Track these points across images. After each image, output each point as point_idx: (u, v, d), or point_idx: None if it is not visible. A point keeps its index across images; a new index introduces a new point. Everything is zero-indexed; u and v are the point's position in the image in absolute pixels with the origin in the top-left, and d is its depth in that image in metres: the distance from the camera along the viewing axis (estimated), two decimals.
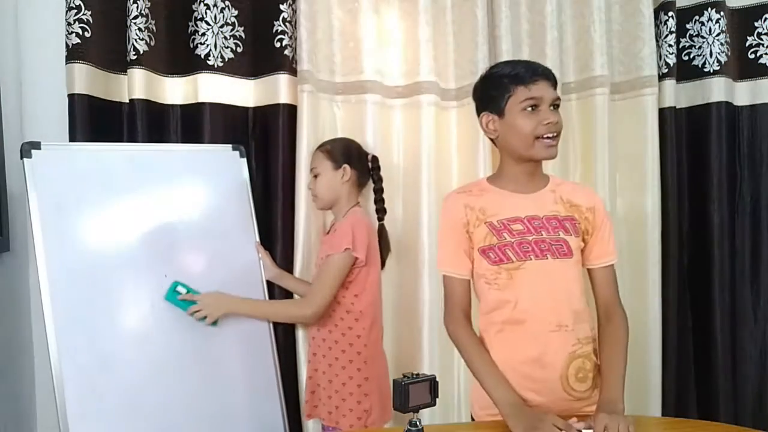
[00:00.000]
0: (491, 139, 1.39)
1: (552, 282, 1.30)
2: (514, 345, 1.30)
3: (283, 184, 1.97)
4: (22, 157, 1.53)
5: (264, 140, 2.01)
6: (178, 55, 1.95)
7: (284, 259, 1.96)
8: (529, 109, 1.28)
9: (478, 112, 1.38)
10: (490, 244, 1.31)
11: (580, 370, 1.29)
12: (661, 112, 2.22)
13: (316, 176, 1.78)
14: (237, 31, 1.97)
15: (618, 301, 1.37)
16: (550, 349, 1.28)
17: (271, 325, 1.80)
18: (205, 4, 1.91)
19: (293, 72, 1.97)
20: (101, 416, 1.48)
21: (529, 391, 1.28)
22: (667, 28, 2.23)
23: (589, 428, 1.15)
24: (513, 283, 1.30)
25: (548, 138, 1.29)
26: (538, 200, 1.33)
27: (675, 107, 2.27)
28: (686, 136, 2.34)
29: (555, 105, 1.31)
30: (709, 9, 2.28)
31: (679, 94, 2.30)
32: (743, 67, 2.35)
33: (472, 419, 1.41)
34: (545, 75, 1.30)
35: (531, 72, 1.29)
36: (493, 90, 1.33)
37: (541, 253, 1.29)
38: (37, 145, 1.55)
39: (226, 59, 1.96)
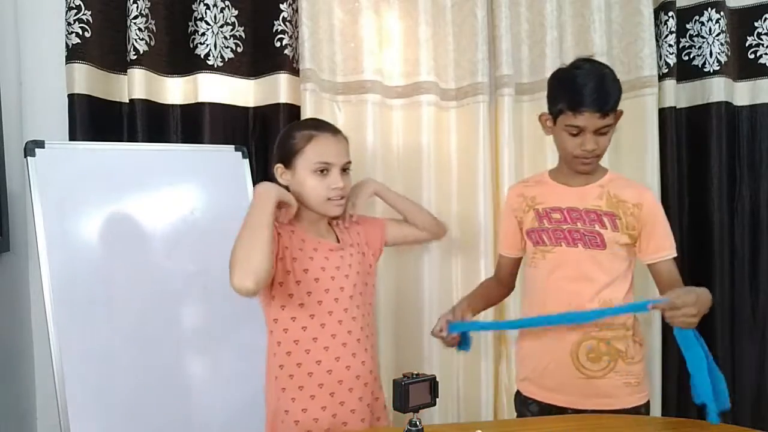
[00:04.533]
0: None
1: (579, 268, 1.42)
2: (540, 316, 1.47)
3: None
4: (25, 156, 1.53)
5: (264, 140, 2.01)
6: (178, 55, 1.95)
7: None
8: (573, 132, 1.37)
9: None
10: (532, 228, 1.48)
11: (593, 350, 1.41)
12: (661, 112, 2.22)
13: (347, 171, 1.43)
14: (237, 30, 1.97)
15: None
16: (563, 326, 1.41)
17: None
18: (205, 4, 1.91)
19: (293, 72, 1.97)
20: (102, 416, 1.48)
21: (546, 358, 1.45)
22: (667, 28, 2.23)
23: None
24: (545, 263, 1.46)
25: (584, 158, 1.40)
26: (581, 194, 1.45)
27: (675, 107, 2.27)
28: (686, 136, 2.33)
29: (601, 132, 1.37)
30: (709, 9, 2.28)
31: (679, 94, 2.29)
32: (743, 67, 2.35)
33: (518, 392, 1.56)
34: (595, 105, 1.33)
35: (581, 101, 1.34)
36: (551, 96, 1.44)
37: (573, 242, 1.43)
38: (41, 144, 1.55)
39: (226, 59, 1.96)
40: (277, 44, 1.96)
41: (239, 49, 1.98)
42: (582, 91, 1.34)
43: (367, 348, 1.44)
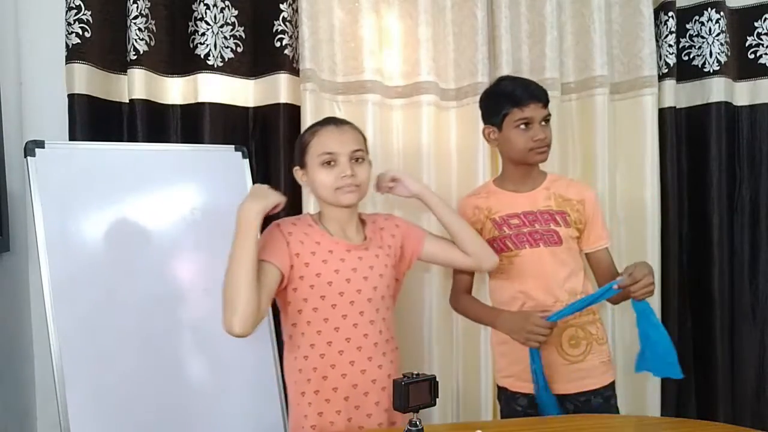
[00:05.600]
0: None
1: (545, 265, 1.55)
2: None
3: (285, 185, 1.97)
4: (26, 156, 1.53)
5: (264, 140, 2.01)
6: (177, 55, 1.95)
7: None
8: (522, 126, 1.53)
9: (483, 121, 1.63)
10: (493, 237, 1.58)
11: (572, 337, 1.56)
12: (661, 112, 2.22)
13: (359, 160, 1.39)
14: (237, 30, 1.97)
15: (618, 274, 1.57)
16: None
17: (272, 325, 1.80)
18: (205, 4, 1.91)
19: (293, 72, 1.97)
20: (102, 416, 1.48)
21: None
22: (667, 28, 2.23)
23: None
24: (513, 268, 1.58)
25: (539, 148, 1.54)
26: (533, 197, 1.59)
27: (675, 107, 2.27)
28: (686, 137, 2.34)
29: (545, 120, 1.55)
30: (709, 9, 2.28)
31: (678, 94, 2.30)
32: (743, 67, 2.35)
33: (498, 387, 1.69)
34: (537, 97, 1.53)
35: (524, 95, 1.52)
36: (493, 106, 1.59)
37: (534, 242, 1.56)
38: (41, 144, 1.55)
39: (226, 59, 1.96)
40: (277, 44, 1.96)
41: (239, 49, 1.98)
42: (520, 89, 1.54)
43: (386, 352, 1.41)
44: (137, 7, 1.83)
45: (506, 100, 1.54)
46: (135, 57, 1.85)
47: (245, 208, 1.27)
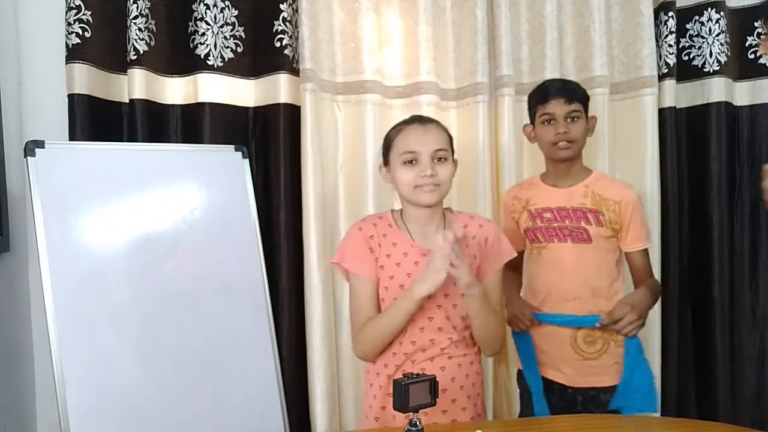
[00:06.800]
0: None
1: (570, 261, 1.61)
2: (539, 306, 1.67)
3: (285, 185, 1.97)
4: (25, 156, 1.52)
5: (264, 140, 2.02)
6: (178, 55, 1.95)
7: (289, 262, 1.96)
8: (547, 122, 1.61)
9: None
10: (527, 227, 1.68)
11: (588, 334, 1.61)
12: (661, 112, 2.22)
13: (441, 159, 1.37)
14: (237, 30, 1.97)
15: (651, 276, 1.69)
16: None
17: (272, 325, 1.80)
18: (205, 4, 1.91)
19: (294, 72, 1.97)
20: (102, 416, 1.48)
21: (548, 344, 1.63)
22: (667, 28, 2.23)
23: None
24: (542, 259, 1.66)
25: (560, 143, 1.59)
26: (568, 194, 1.64)
27: (675, 107, 2.27)
28: (686, 137, 2.34)
29: (572, 117, 1.59)
30: (709, 9, 2.28)
31: (678, 94, 2.30)
32: (743, 67, 2.35)
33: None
34: (560, 93, 1.60)
35: (548, 92, 1.62)
36: (529, 108, 1.70)
37: (563, 238, 1.62)
38: (40, 144, 1.55)
39: (226, 59, 1.96)
40: (277, 44, 1.96)
41: (239, 49, 1.98)
42: (549, 87, 1.65)
43: (454, 356, 1.40)
44: (137, 7, 1.83)
45: (534, 98, 1.66)
46: (135, 57, 1.85)
47: (418, 292, 1.30)
